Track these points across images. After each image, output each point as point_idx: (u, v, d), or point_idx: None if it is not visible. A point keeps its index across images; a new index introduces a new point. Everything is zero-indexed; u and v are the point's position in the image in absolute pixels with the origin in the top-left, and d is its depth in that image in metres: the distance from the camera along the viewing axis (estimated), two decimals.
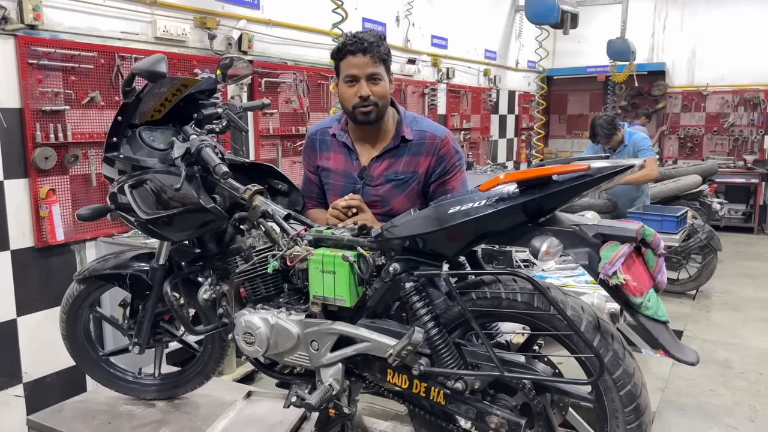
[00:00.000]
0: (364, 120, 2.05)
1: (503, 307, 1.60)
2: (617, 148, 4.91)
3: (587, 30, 9.34)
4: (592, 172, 1.42)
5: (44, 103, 3.04)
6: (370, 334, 1.74)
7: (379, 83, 2.01)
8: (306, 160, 2.30)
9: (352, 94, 2.00)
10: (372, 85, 2.00)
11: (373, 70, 1.99)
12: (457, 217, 1.54)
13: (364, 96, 1.99)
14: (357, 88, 1.99)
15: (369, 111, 2.01)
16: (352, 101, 2.02)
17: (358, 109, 2.02)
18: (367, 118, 2.03)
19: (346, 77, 2.02)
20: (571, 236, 1.48)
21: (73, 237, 3.22)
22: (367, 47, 1.97)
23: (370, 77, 1.99)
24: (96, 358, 2.48)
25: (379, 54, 1.99)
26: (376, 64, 1.99)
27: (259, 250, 2.00)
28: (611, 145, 4.91)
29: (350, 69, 2.00)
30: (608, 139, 4.83)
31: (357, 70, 1.99)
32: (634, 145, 4.92)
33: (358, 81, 1.99)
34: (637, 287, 1.43)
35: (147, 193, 2.06)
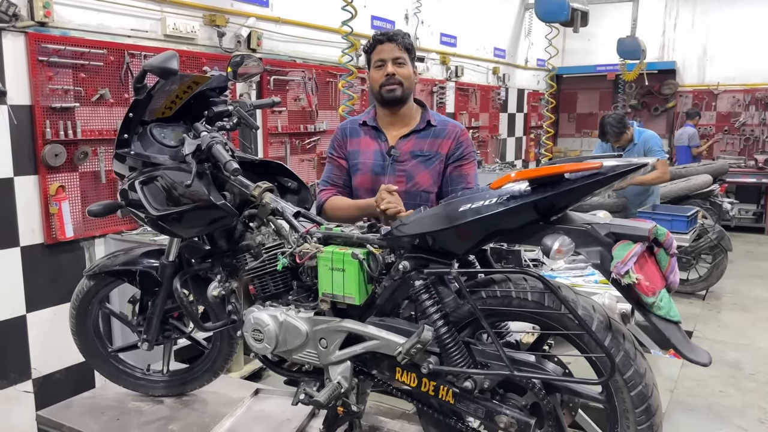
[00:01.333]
0: (390, 97, 2.23)
1: (513, 306, 1.59)
2: (626, 146, 4.88)
3: (597, 28, 9.29)
4: (605, 171, 1.41)
5: (54, 100, 3.05)
6: (379, 332, 1.73)
7: (404, 66, 2.23)
8: (334, 147, 2.40)
9: (381, 74, 2.22)
10: (397, 67, 2.21)
11: (398, 54, 2.22)
12: (468, 215, 1.53)
13: (390, 73, 2.20)
14: (384, 69, 2.21)
15: (394, 89, 2.22)
16: (379, 81, 2.23)
17: (385, 87, 2.22)
18: (393, 94, 2.23)
19: (376, 62, 2.24)
20: (583, 235, 1.47)
21: (82, 234, 3.23)
22: (392, 36, 2.23)
23: (395, 60, 2.21)
24: (105, 354, 2.49)
25: (404, 42, 2.23)
26: (401, 50, 2.22)
27: (269, 248, 2.00)
28: (620, 144, 4.87)
29: (379, 55, 2.23)
30: (617, 137, 4.80)
31: (384, 54, 2.22)
32: (644, 144, 4.88)
33: (386, 63, 2.21)
34: (649, 287, 1.41)
35: (157, 190, 2.06)
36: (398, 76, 2.22)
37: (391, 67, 2.22)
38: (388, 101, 2.28)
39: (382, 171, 2.29)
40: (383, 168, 2.30)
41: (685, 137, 8.42)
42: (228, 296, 2.13)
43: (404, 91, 2.25)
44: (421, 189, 2.30)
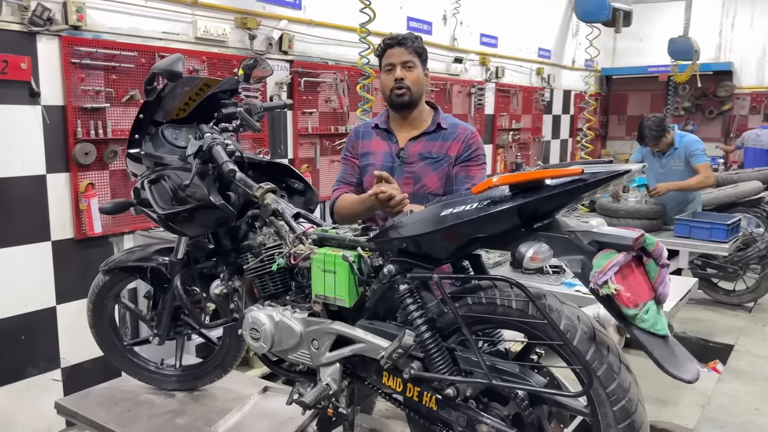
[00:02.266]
0: (399, 102, 2.27)
1: (498, 314, 1.56)
2: (666, 151, 4.72)
3: (649, 28, 9.02)
4: (586, 177, 1.37)
5: (86, 101, 3.17)
6: (365, 335, 1.73)
7: (413, 70, 2.25)
8: (347, 149, 2.47)
9: (390, 79, 2.26)
10: (406, 71, 2.24)
11: (407, 58, 2.24)
12: (449, 219, 1.51)
13: (399, 78, 2.23)
14: (393, 74, 2.25)
15: (402, 93, 2.24)
16: (389, 85, 2.27)
17: (394, 92, 2.25)
18: (401, 99, 2.25)
19: (385, 66, 2.28)
20: (565, 243, 1.43)
21: (110, 230, 3.35)
22: (402, 40, 2.25)
23: (404, 64, 2.24)
24: (120, 347, 2.57)
25: (413, 46, 2.26)
26: (410, 54, 2.25)
27: (269, 248, 2.03)
28: (660, 148, 4.71)
29: (388, 59, 2.27)
30: (656, 141, 4.64)
31: (393, 58, 2.25)
32: (686, 148, 4.70)
33: (395, 68, 2.24)
34: (630, 298, 1.36)
35: (164, 189, 2.11)
36: (407, 80, 2.25)
37: (400, 72, 2.24)
38: (397, 105, 2.32)
39: (390, 172, 2.30)
40: (392, 169, 2.32)
41: (766, 140, 7.95)
42: (231, 295, 2.17)
43: (413, 95, 2.27)
44: (429, 191, 2.31)
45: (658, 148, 4.70)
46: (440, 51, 5.94)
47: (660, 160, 4.79)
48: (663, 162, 4.78)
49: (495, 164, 7.14)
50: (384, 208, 2.13)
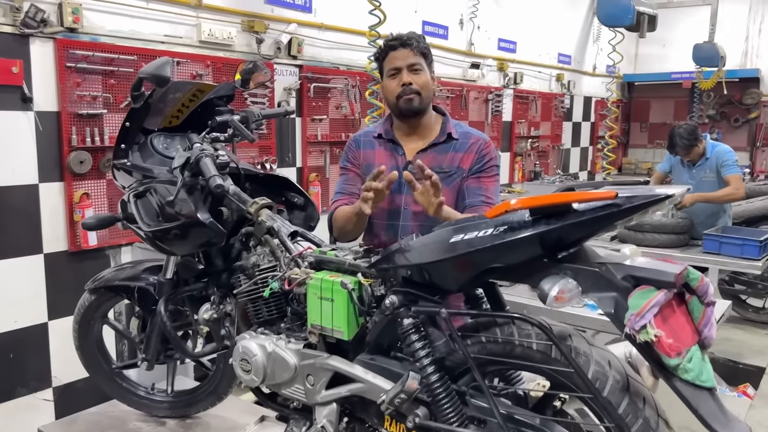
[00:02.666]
0: (407, 108, 2.04)
1: (516, 355, 1.36)
2: (697, 161, 4.47)
3: (673, 33, 8.75)
4: (620, 202, 1.17)
5: (82, 107, 3.03)
6: (365, 374, 1.55)
7: (420, 73, 2.04)
8: (347, 158, 2.21)
9: (395, 84, 2.03)
10: (413, 74, 2.02)
11: (413, 60, 2.02)
12: (459, 247, 1.32)
13: (406, 82, 2.01)
14: (399, 78, 2.02)
15: (411, 98, 2.02)
16: (395, 92, 2.04)
17: (402, 98, 2.03)
18: (410, 105, 2.03)
19: (389, 71, 2.05)
20: (594, 277, 1.23)
21: (107, 242, 3.20)
22: (406, 41, 2.03)
23: (411, 67, 2.02)
24: (108, 370, 2.42)
25: (419, 47, 2.04)
26: (416, 56, 2.03)
27: (263, 269, 1.86)
28: (691, 158, 4.47)
29: (393, 62, 2.04)
30: (688, 150, 4.40)
31: (399, 61, 2.03)
32: (718, 159, 4.46)
33: (401, 72, 2.02)
34: (673, 345, 1.16)
35: (150, 204, 1.95)
36: (415, 84, 2.02)
37: (407, 76, 2.02)
38: (405, 113, 2.07)
39: (398, 188, 2.06)
40: (399, 185, 2.06)
41: None
42: (222, 319, 2.00)
43: (423, 100, 2.05)
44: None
45: (689, 158, 4.46)
46: (457, 56, 5.75)
47: (690, 171, 4.56)
48: (693, 173, 4.55)
49: (513, 172, 6.92)
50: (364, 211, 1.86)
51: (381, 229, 2.10)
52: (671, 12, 8.16)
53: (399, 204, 2.03)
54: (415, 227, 2.04)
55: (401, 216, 2.06)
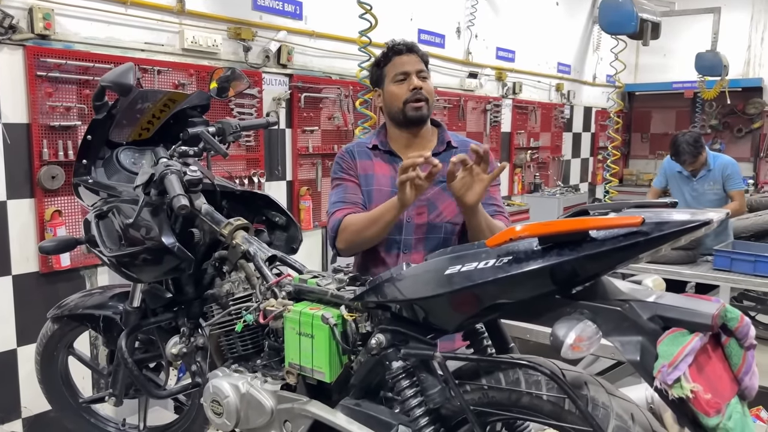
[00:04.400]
0: (416, 116, 1.91)
1: (522, 405, 1.17)
2: (699, 171, 4.30)
3: (674, 42, 8.60)
4: (648, 230, 0.98)
5: (54, 118, 2.83)
6: (348, 425, 1.35)
7: (427, 81, 1.95)
8: (343, 169, 1.99)
9: (404, 89, 1.91)
10: (421, 81, 1.92)
11: (421, 67, 1.94)
12: (455, 281, 1.13)
13: (418, 86, 1.89)
14: (408, 83, 1.91)
15: (420, 106, 1.91)
16: (403, 97, 1.91)
17: (410, 104, 1.90)
18: (419, 113, 1.91)
19: (397, 75, 1.93)
20: (617, 318, 1.04)
21: (81, 262, 3.00)
22: (413, 46, 1.96)
23: (419, 73, 1.93)
24: (75, 405, 2.22)
25: (423, 56, 1.98)
26: (421, 63, 1.95)
27: (237, 299, 1.67)
28: (694, 168, 4.29)
29: (401, 67, 1.93)
30: (695, 158, 4.22)
31: (408, 66, 1.93)
32: (723, 170, 4.29)
33: (409, 76, 1.91)
34: (711, 401, 0.97)
35: (112, 226, 1.76)
36: (424, 91, 1.91)
37: (418, 81, 1.90)
38: (412, 120, 1.92)
39: None
40: None
41: None
42: (194, 354, 1.81)
43: (429, 108, 1.94)
44: (446, 220, 1.90)
45: (693, 168, 4.28)
46: (454, 65, 5.58)
47: (691, 183, 4.39)
48: (695, 185, 4.37)
49: (512, 184, 6.74)
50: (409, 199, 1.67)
51: (381, 245, 1.89)
52: (673, 21, 8.00)
53: (401, 217, 1.84)
54: (418, 241, 1.88)
55: (403, 230, 1.87)
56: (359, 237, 1.82)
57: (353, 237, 1.83)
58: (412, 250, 1.87)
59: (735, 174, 4.29)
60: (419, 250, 1.86)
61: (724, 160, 4.37)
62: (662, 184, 4.69)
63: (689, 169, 4.33)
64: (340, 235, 1.85)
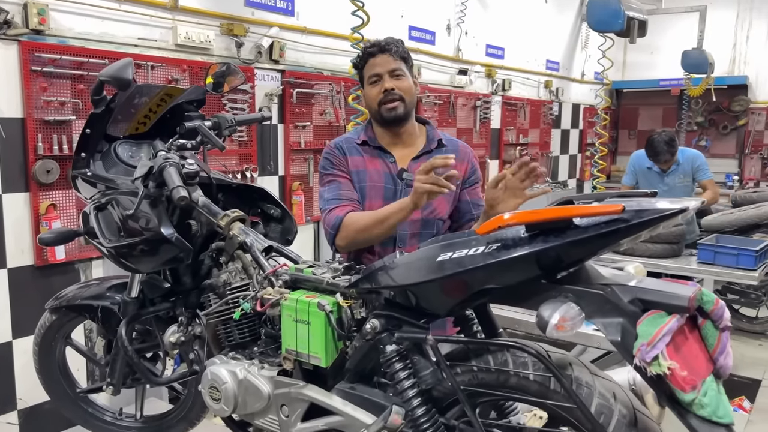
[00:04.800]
0: (391, 116, 1.95)
1: (510, 386, 1.23)
2: (670, 167, 4.44)
3: (661, 40, 8.70)
4: (628, 217, 1.04)
5: (48, 113, 2.86)
6: (344, 407, 1.41)
7: (402, 78, 1.96)
8: (333, 165, 2.02)
9: (377, 91, 1.95)
10: (395, 80, 1.95)
11: (394, 66, 1.95)
12: (446, 267, 1.18)
13: (388, 88, 1.93)
14: (380, 85, 1.95)
15: (395, 106, 1.94)
16: (377, 98, 1.96)
17: (384, 105, 1.94)
18: (394, 113, 1.95)
19: (370, 78, 1.97)
20: (599, 301, 1.10)
21: (76, 255, 3.03)
22: (385, 46, 1.96)
23: (392, 73, 1.95)
24: (72, 395, 2.26)
25: (398, 52, 1.96)
26: (396, 61, 1.96)
27: (234, 288, 1.72)
28: (668, 165, 4.44)
29: (373, 69, 1.96)
30: (672, 156, 4.40)
31: (379, 68, 1.95)
32: (692, 163, 4.47)
33: (381, 78, 1.95)
34: (687, 378, 1.03)
35: (111, 218, 1.80)
36: (398, 90, 1.94)
37: (389, 82, 1.94)
38: (389, 120, 1.97)
39: (393, 196, 1.95)
40: (395, 193, 1.96)
41: None
42: (191, 342, 1.85)
43: (406, 106, 1.97)
44: (439, 217, 1.97)
45: (668, 165, 4.42)
46: (444, 62, 5.63)
47: (662, 178, 4.52)
48: (666, 180, 4.51)
49: None
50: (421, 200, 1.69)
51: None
52: (659, 18, 8.10)
53: None
54: (412, 236, 1.94)
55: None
56: (363, 235, 1.85)
57: (356, 235, 1.86)
58: (406, 245, 1.93)
59: (704, 164, 4.49)
60: (413, 244, 1.92)
61: (691, 153, 4.54)
62: (632, 181, 4.82)
63: (666, 167, 4.46)
64: (341, 233, 1.87)
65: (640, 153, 4.78)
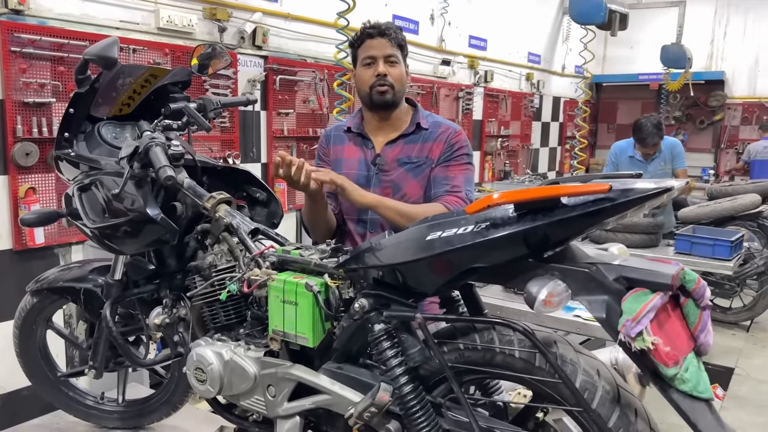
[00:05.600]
0: (380, 101, 1.95)
1: (496, 363, 1.25)
2: (652, 154, 4.50)
3: (641, 35, 8.81)
4: (614, 196, 1.06)
5: (28, 95, 2.81)
6: (331, 385, 1.41)
7: (396, 66, 1.95)
8: (319, 156, 2.12)
9: (370, 74, 1.94)
10: (389, 66, 1.94)
11: (390, 52, 1.94)
12: (436, 245, 1.19)
13: (382, 73, 1.92)
14: (374, 68, 1.93)
15: (385, 91, 1.93)
16: (369, 81, 1.94)
17: (375, 89, 1.93)
18: (384, 98, 1.94)
19: (365, 59, 1.96)
20: (585, 279, 1.12)
21: (56, 240, 2.99)
22: (385, 30, 1.94)
23: (387, 58, 1.94)
24: (53, 378, 2.23)
25: (397, 39, 1.96)
26: (393, 47, 1.95)
27: (220, 270, 1.70)
28: (653, 151, 4.49)
29: (368, 51, 1.95)
30: (660, 139, 4.44)
31: (375, 51, 1.94)
32: (671, 150, 4.55)
33: (376, 61, 1.93)
34: (670, 353, 1.05)
35: (95, 198, 1.78)
36: (390, 77, 1.93)
37: (383, 67, 1.92)
38: (377, 105, 1.97)
39: (366, 182, 1.97)
40: (368, 179, 1.98)
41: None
42: (176, 325, 1.84)
43: (396, 94, 1.96)
44: (411, 201, 1.98)
45: (654, 150, 4.48)
46: (427, 52, 5.64)
47: (644, 166, 4.58)
48: (648, 168, 4.57)
49: (483, 171, 6.85)
50: (294, 186, 1.84)
51: (351, 224, 2.00)
52: (639, 13, 8.20)
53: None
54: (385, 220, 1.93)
55: (369, 210, 1.94)
56: (312, 221, 1.99)
57: (307, 222, 2.01)
58: (378, 229, 1.94)
59: (682, 153, 4.60)
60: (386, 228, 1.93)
61: (671, 141, 4.65)
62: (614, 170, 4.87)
63: (651, 152, 4.51)
64: (304, 221, 2.02)
65: (620, 143, 4.84)
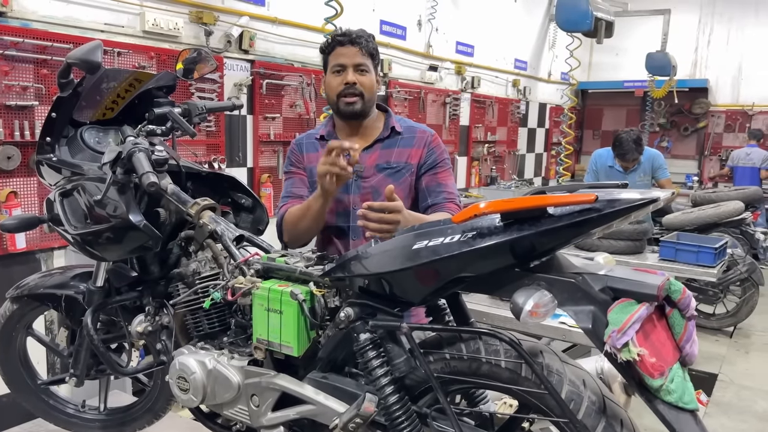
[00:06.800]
0: (348, 111, 1.91)
1: (482, 373, 1.24)
2: (632, 167, 4.55)
3: (626, 42, 8.89)
4: (600, 207, 1.05)
5: (10, 98, 2.78)
6: (316, 395, 1.40)
7: (366, 75, 1.91)
8: (291, 162, 2.04)
9: (338, 82, 1.90)
10: (359, 75, 1.90)
11: (360, 60, 1.90)
12: (422, 255, 1.19)
13: (350, 82, 1.88)
14: (343, 76, 1.90)
15: (354, 101, 1.89)
16: (337, 90, 1.90)
17: (343, 99, 1.90)
18: (352, 108, 1.90)
19: (334, 67, 1.92)
20: (571, 289, 1.12)
21: (38, 245, 2.95)
22: (356, 39, 1.90)
23: (357, 67, 1.90)
24: (33, 386, 2.19)
25: (368, 47, 1.91)
26: (363, 56, 1.90)
27: (204, 277, 1.68)
28: (633, 164, 4.54)
29: (338, 58, 1.91)
30: (639, 155, 4.48)
31: (345, 59, 1.90)
32: (652, 162, 4.60)
33: (345, 69, 1.90)
34: (656, 364, 1.05)
35: (77, 204, 1.75)
36: (359, 86, 1.88)
37: (352, 75, 1.88)
38: (345, 114, 1.93)
39: (345, 190, 1.92)
40: (347, 186, 1.92)
41: (757, 158, 7.85)
42: (159, 332, 1.82)
43: (365, 103, 1.92)
44: None
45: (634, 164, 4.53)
46: (415, 58, 5.65)
47: (624, 177, 4.62)
48: (628, 178, 4.62)
49: (470, 177, 6.87)
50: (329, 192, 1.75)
51: (331, 233, 1.96)
52: (625, 21, 8.27)
53: (347, 204, 1.90)
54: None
55: (351, 217, 1.92)
56: (296, 229, 1.90)
57: (292, 229, 1.92)
58: (361, 237, 1.92)
59: (663, 164, 4.66)
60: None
61: (652, 152, 4.69)
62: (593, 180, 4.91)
63: (631, 166, 4.56)
64: (284, 229, 1.95)
65: (601, 151, 4.89)
